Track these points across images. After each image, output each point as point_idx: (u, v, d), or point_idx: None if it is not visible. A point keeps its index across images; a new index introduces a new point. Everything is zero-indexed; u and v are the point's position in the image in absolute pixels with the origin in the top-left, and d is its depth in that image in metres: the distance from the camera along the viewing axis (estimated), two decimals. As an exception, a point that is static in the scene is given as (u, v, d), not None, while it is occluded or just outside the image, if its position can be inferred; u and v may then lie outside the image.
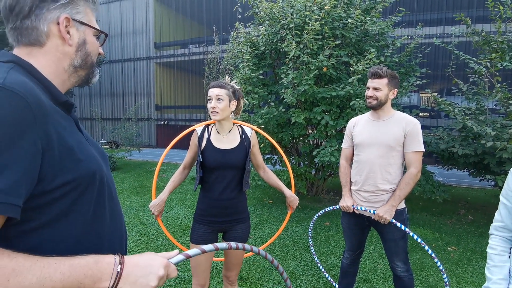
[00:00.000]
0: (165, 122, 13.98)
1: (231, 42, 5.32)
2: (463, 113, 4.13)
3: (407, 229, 1.86)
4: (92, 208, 0.78)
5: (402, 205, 2.01)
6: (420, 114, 10.87)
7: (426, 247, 1.83)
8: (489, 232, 1.29)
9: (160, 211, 1.85)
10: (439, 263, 1.81)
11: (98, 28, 0.86)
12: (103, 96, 15.23)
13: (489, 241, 1.27)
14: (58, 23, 0.75)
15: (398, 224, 1.86)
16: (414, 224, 4.36)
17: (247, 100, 4.61)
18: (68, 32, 0.78)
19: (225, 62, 6.12)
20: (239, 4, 5.13)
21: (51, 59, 0.77)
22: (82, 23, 0.80)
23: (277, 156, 5.30)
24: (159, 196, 1.84)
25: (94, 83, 0.93)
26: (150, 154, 11.87)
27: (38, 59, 0.75)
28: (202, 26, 15.66)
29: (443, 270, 1.83)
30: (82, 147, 0.77)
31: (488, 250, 1.26)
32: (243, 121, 4.67)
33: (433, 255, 1.83)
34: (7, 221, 0.63)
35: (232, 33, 5.28)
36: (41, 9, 0.73)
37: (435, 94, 4.46)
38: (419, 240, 1.85)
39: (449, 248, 3.61)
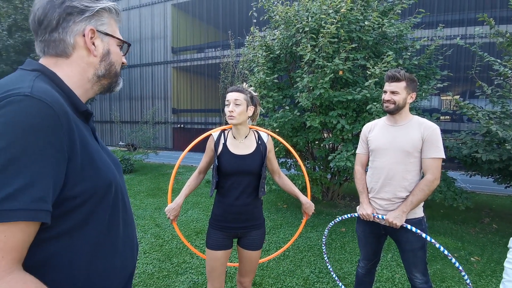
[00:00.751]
0: (182, 126, 14.20)
1: (247, 46, 5.34)
2: (487, 117, 3.95)
3: (428, 237, 1.78)
4: (107, 217, 0.79)
5: (421, 213, 1.93)
6: (441, 118, 10.53)
7: (451, 258, 1.73)
8: (509, 246, 1.22)
9: (175, 216, 1.86)
10: (465, 276, 1.71)
11: (122, 39, 0.89)
12: (122, 100, 15.66)
13: (508, 255, 1.20)
14: (83, 35, 0.78)
15: (414, 229, 1.78)
16: (435, 232, 4.19)
17: (262, 104, 4.60)
18: (93, 43, 0.80)
19: (240, 66, 6.15)
20: (254, 9, 5.15)
21: (76, 69, 0.80)
22: (106, 34, 0.83)
23: (292, 160, 5.26)
24: (175, 200, 1.86)
25: (117, 91, 0.95)
26: (167, 156, 12.06)
27: (64, 69, 0.78)
28: (218, 31, 15.86)
29: (470, 284, 1.72)
30: (100, 156, 0.78)
31: (506, 264, 1.19)
32: (258, 125, 4.68)
33: (457, 264, 1.71)
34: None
35: (247, 37, 5.31)
36: (67, 22, 0.76)
37: (457, 97, 4.29)
38: (441, 248, 1.75)
39: (472, 259, 3.44)
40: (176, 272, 3.05)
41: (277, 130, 4.49)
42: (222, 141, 1.85)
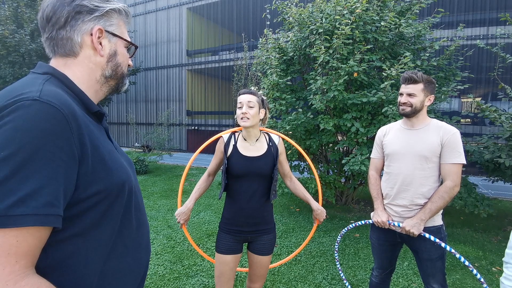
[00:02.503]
0: (196, 127, 14.34)
1: (260, 49, 5.32)
2: (510, 120, 3.77)
3: (447, 247, 1.69)
4: (120, 217, 0.78)
5: (439, 221, 1.84)
6: (462, 121, 10.15)
7: (472, 269, 1.64)
8: (503, 260, 1.13)
9: (186, 220, 1.84)
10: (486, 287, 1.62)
11: (130, 40, 0.89)
12: (138, 102, 15.97)
13: (504, 270, 1.12)
14: (91, 34, 0.78)
15: (432, 238, 1.70)
16: (455, 240, 4.02)
17: (275, 106, 4.56)
18: (100, 43, 0.80)
19: (253, 69, 6.14)
20: (268, 11, 5.13)
21: (85, 70, 0.80)
22: (114, 34, 0.83)
23: (304, 164, 5.18)
24: (185, 204, 1.84)
25: (123, 92, 0.96)
26: (181, 158, 12.19)
27: (73, 70, 0.78)
28: (232, 33, 15.96)
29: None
30: (113, 156, 0.78)
31: (502, 279, 1.11)
32: (270, 127, 4.64)
33: (478, 275, 1.62)
34: None
35: (260, 39, 5.29)
36: (76, 20, 0.76)
37: (479, 99, 4.12)
38: (462, 259, 1.67)
39: (493, 269, 3.27)
40: (186, 275, 3.04)
41: (290, 132, 4.44)
42: (232, 143, 1.83)
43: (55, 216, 0.61)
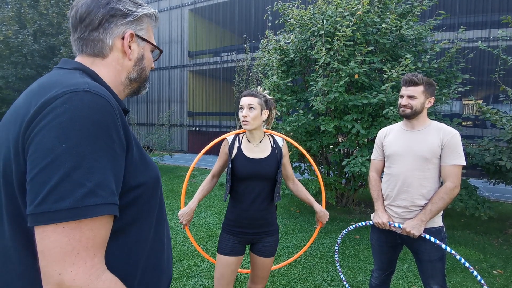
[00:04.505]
0: (197, 128, 14.35)
1: (261, 50, 5.33)
2: (512, 123, 3.77)
3: (448, 248, 1.69)
4: (156, 213, 0.79)
5: (440, 223, 1.84)
6: (463, 123, 10.14)
7: (473, 271, 1.64)
8: None
9: (188, 220, 1.85)
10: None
11: (156, 45, 0.89)
12: (140, 103, 16.01)
13: None
14: (122, 38, 0.78)
15: (433, 239, 1.70)
16: (455, 242, 4.01)
17: (276, 107, 4.57)
18: (130, 47, 0.80)
19: (255, 70, 6.15)
20: (269, 12, 5.15)
21: (111, 70, 0.80)
22: (143, 39, 0.83)
23: (305, 165, 5.18)
24: (188, 205, 1.84)
25: (143, 94, 0.96)
26: (182, 159, 12.20)
27: (100, 69, 0.78)
28: (234, 35, 15.99)
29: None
30: (145, 151, 0.79)
31: None
32: (272, 129, 4.64)
33: (478, 277, 1.63)
34: None
35: (262, 41, 5.30)
36: (110, 23, 0.76)
37: (480, 101, 4.12)
38: (462, 260, 1.67)
39: (494, 272, 3.26)
40: (186, 275, 3.04)
41: (291, 134, 4.44)
42: (236, 144, 1.83)
43: (117, 205, 0.62)
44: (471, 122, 10.11)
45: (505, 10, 9.26)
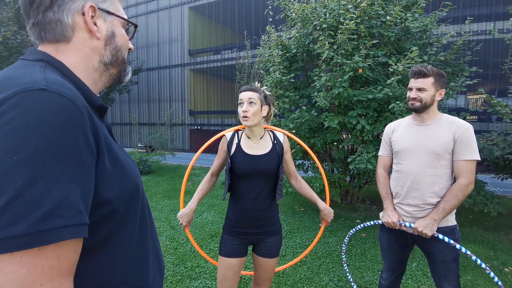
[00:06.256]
0: (198, 127, 14.28)
1: (262, 46, 5.24)
2: (521, 116, 3.66)
3: (462, 248, 1.60)
4: (137, 226, 0.70)
5: (453, 221, 1.76)
6: (468, 117, 10.00)
7: (490, 272, 1.56)
8: None
9: (188, 222, 1.78)
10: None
11: (127, 18, 0.77)
12: (141, 103, 15.95)
13: None
14: (83, 14, 0.67)
15: (446, 239, 1.62)
16: (464, 239, 3.92)
17: (278, 104, 4.48)
18: (95, 24, 0.69)
19: (256, 67, 6.06)
20: (270, 7, 5.04)
21: (80, 55, 0.68)
22: (109, 12, 0.71)
23: (309, 162, 5.09)
24: (188, 205, 1.77)
25: (126, 82, 0.84)
26: (184, 158, 12.15)
27: (67, 56, 0.67)
28: (234, 32, 15.87)
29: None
30: (123, 156, 0.69)
31: None
32: (274, 125, 4.55)
33: (496, 279, 1.55)
34: None
35: (262, 37, 5.20)
36: None
37: (488, 95, 4.01)
38: (478, 261, 1.59)
39: (505, 269, 3.17)
40: (189, 277, 2.98)
41: (294, 131, 4.36)
42: (235, 141, 1.76)
43: (85, 225, 0.53)
44: (476, 117, 9.97)
45: (511, 1, 9.08)
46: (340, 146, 4.58)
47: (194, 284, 2.85)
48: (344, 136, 4.61)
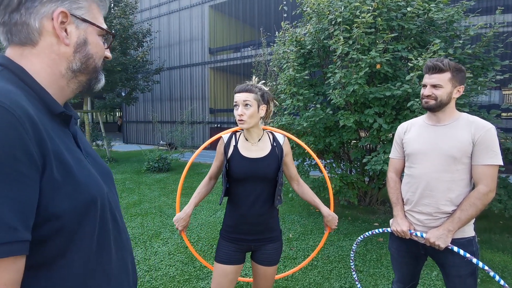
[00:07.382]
0: (218, 125, 14.37)
1: (277, 43, 5.12)
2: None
3: (480, 263, 1.44)
4: (95, 241, 0.66)
5: (471, 232, 1.58)
6: (503, 115, 9.30)
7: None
8: None
9: (184, 226, 1.73)
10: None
11: (104, 27, 0.74)
12: (163, 101, 16.30)
13: None
14: (52, 18, 0.64)
15: (462, 252, 1.45)
16: (492, 248, 3.62)
17: (292, 102, 4.35)
18: (66, 30, 0.66)
19: (271, 64, 5.96)
20: (284, 2, 4.91)
21: (45, 61, 0.66)
22: (83, 20, 0.69)
23: (324, 162, 4.93)
24: (184, 209, 1.73)
25: (98, 89, 0.81)
26: (203, 156, 12.27)
27: (31, 61, 0.65)
28: (254, 29, 15.78)
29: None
30: (81, 166, 0.65)
31: None
32: (287, 124, 4.44)
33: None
34: None
35: (277, 33, 5.09)
36: (33, 1, 0.62)
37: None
38: (497, 278, 1.41)
39: (540, 283, 2.88)
40: (197, 277, 2.96)
41: (308, 129, 4.22)
42: (233, 143, 1.69)
43: (22, 242, 0.50)
44: (508, 114, 9.26)
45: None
46: (358, 146, 4.39)
47: (201, 284, 2.83)
48: (362, 134, 4.41)
